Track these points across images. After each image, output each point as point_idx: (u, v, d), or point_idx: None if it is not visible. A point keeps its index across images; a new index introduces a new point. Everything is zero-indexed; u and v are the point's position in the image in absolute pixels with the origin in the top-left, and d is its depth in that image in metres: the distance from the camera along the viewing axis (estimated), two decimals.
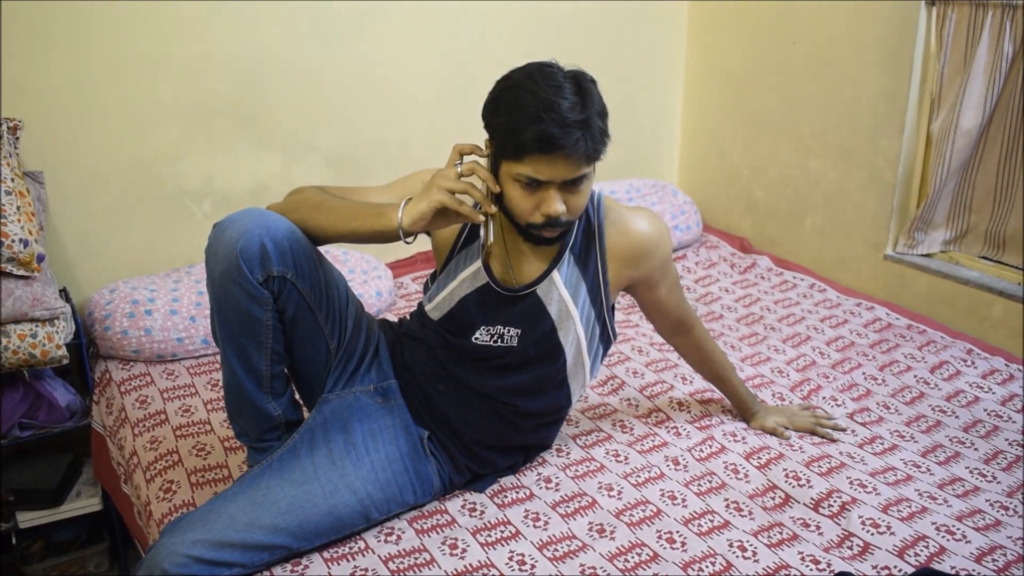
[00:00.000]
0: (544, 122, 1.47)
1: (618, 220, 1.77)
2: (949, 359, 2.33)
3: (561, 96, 1.49)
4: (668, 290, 1.87)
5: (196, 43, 2.54)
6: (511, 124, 1.50)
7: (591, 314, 1.77)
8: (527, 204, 1.57)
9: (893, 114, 2.69)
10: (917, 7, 2.56)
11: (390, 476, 1.69)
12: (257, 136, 2.71)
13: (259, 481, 1.60)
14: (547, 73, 1.54)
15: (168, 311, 2.35)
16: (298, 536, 1.57)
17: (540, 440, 1.91)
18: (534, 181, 1.54)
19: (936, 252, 2.73)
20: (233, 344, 1.62)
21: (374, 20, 2.77)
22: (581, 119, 1.49)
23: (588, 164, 1.55)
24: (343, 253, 2.69)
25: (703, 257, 3.13)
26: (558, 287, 1.73)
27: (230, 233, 1.54)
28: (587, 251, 1.75)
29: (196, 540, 1.48)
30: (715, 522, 1.71)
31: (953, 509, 1.73)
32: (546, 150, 1.49)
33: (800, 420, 2.04)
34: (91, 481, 2.41)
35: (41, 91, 2.39)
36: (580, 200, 1.59)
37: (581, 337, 1.77)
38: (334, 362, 1.74)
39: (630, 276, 1.81)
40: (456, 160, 1.56)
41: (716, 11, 3.24)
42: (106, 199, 2.55)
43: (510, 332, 1.74)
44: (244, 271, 1.53)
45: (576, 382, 1.83)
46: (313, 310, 1.66)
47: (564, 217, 1.57)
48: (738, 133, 3.26)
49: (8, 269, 2.05)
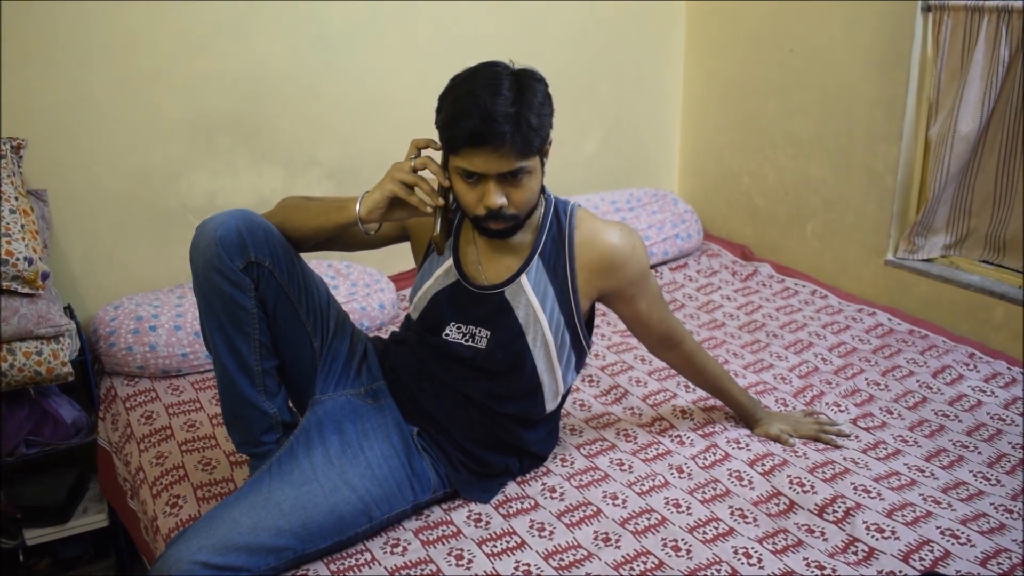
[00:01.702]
0: (471, 116, 1.54)
1: (589, 231, 1.80)
2: (951, 363, 2.34)
3: (494, 92, 1.56)
4: (649, 304, 1.88)
5: (197, 60, 2.56)
6: (446, 119, 1.60)
7: (560, 321, 1.79)
8: (471, 197, 1.64)
9: (891, 120, 2.70)
10: (913, 13, 2.58)
11: (387, 472, 1.72)
12: (259, 151, 2.72)
13: (260, 485, 1.63)
14: (488, 71, 1.61)
15: (172, 327, 2.36)
16: (302, 537, 1.59)
17: (526, 442, 1.88)
18: (472, 174, 1.60)
19: (936, 257, 2.74)
20: (223, 341, 1.67)
21: (374, 34, 2.78)
22: (510, 113, 1.55)
23: (522, 158, 1.59)
24: (346, 266, 2.71)
25: (704, 265, 3.14)
26: (526, 291, 1.76)
27: (210, 227, 1.64)
28: (556, 258, 1.78)
29: (201, 546, 1.50)
30: (720, 529, 1.71)
31: (957, 513, 1.74)
32: (475, 143, 1.56)
33: (804, 427, 2.04)
34: (97, 497, 2.41)
35: (44, 110, 2.41)
36: (522, 194, 1.64)
37: (550, 343, 1.78)
38: (320, 362, 1.80)
39: (600, 287, 1.82)
40: (412, 154, 1.66)
41: (714, 19, 3.25)
42: (109, 216, 2.56)
43: (480, 332, 1.78)
44: (224, 258, 1.61)
45: (548, 390, 1.84)
46: (293, 303, 1.73)
47: (508, 211, 1.63)
48: (737, 141, 3.27)
49: (13, 287, 2.06)
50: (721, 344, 2.55)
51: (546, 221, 1.79)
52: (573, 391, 2.28)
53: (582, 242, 1.79)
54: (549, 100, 1.65)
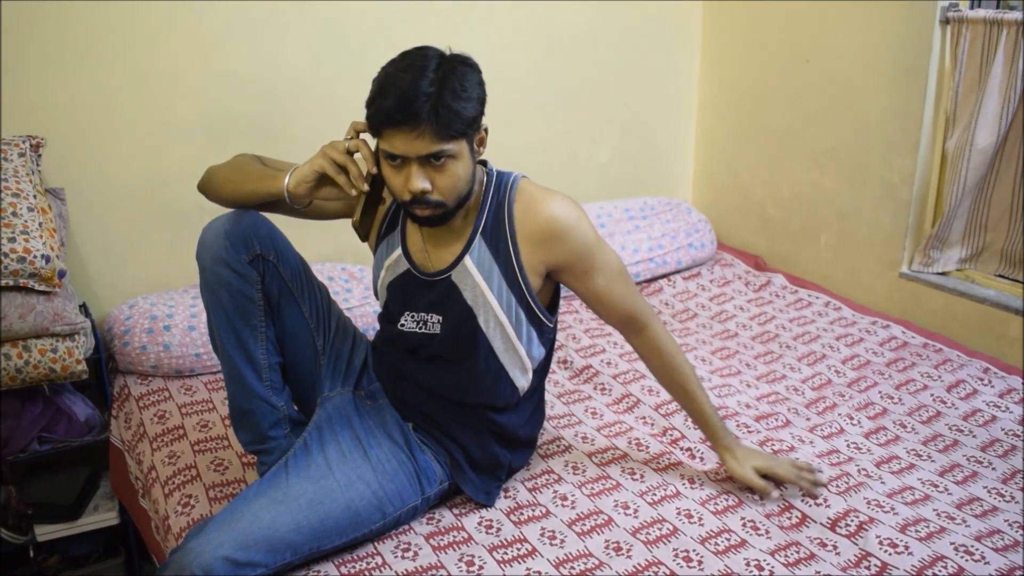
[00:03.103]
0: (389, 96, 1.53)
1: (529, 202, 1.74)
2: (966, 378, 2.33)
3: (416, 73, 1.53)
4: (607, 281, 1.79)
5: (214, 61, 2.57)
6: (369, 100, 1.58)
7: (511, 299, 1.75)
8: (397, 182, 1.61)
9: (907, 132, 2.69)
10: (931, 25, 2.57)
11: (396, 466, 1.74)
12: (274, 153, 2.69)
13: (277, 480, 1.64)
14: (417, 53, 1.59)
15: (186, 327, 2.37)
16: (319, 533, 1.60)
17: (511, 428, 1.86)
18: (393, 156, 1.57)
19: (952, 270, 2.73)
20: (230, 331, 1.70)
21: (389, 38, 2.75)
22: (429, 92, 1.52)
23: (442, 140, 1.55)
24: (359, 270, 2.71)
25: (717, 275, 3.13)
26: (471, 272, 1.73)
27: (216, 224, 1.69)
28: (497, 233, 1.73)
29: (222, 540, 1.50)
30: (732, 541, 1.71)
31: (971, 529, 1.73)
32: (392, 124, 1.54)
33: (783, 468, 1.83)
34: (108, 495, 2.42)
35: (63, 109, 2.42)
36: (446, 180, 1.60)
37: (504, 322, 1.75)
38: (323, 360, 1.84)
39: (545, 260, 1.75)
40: (350, 134, 1.64)
41: (730, 28, 3.25)
42: (126, 215, 2.57)
43: (432, 319, 1.77)
44: (231, 250, 1.66)
45: (515, 368, 1.80)
46: (297, 300, 1.77)
47: (433, 196, 1.60)
48: (752, 151, 3.27)
49: (30, 284, 2.07)
50: (734, 354, 2.55)
51: (486, 199, 1.74)
52: (584, 399, 2.28)
53: (521, 214, 1.73)
54: (479, 86, 1.61)
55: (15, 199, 2.12)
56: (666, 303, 2.95)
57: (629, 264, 2.97)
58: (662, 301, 2.96)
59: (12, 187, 2.14)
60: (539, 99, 3.10)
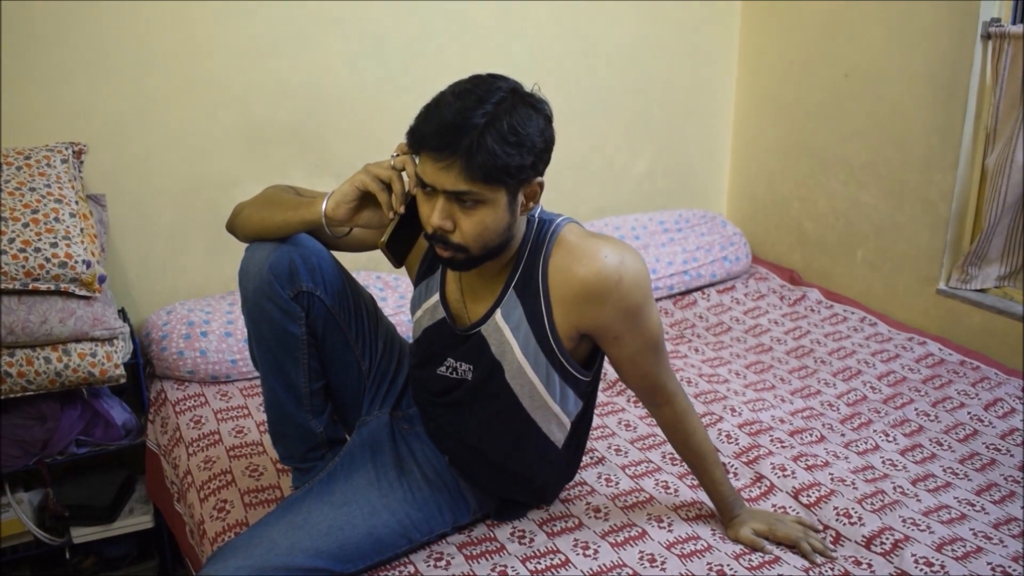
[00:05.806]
0: (432, 117, 1.41)
1: (567, 257, 1.56)
2: (1003, 396, 2.30)
3: (471, 101, 1.39)
4: (636, 351, 1.61)
5: (256, 71, 2.60)
6: (417, 115, 1.45)
7: (539, 356, 1.60)
8: (424, 210, 1.48)
9: (947, 148, 2.67)
10: (972, 40, 2.55)
11: (428, 495, 1.71)
12: (313, 163, 2.75)
13: (299, 505, 1.62)
14: (483, 80, 1.44)
15: (223, 333, 2.39)
16: (340, 559, 1.57)
17: (539, 485, 1.81)
18: (424, 184, 1.44)
19: (990, 287, 2.70)
20: (272, 363, 1.66)
21: (430, 51, 2.81)
22: (474, 125, 1.37)
23: (472, 181, 1.39)
24: (394, 279, 2.72)
25: (752, 289, 3.11)
26: (500, 328, 1.60)
27: (260, 253, 1.60)
28: (528, 288, 1.58)
29: (239, 566, 1.49)
30: (766, 558, 1.69)
31: (1009, 549, 1.70)
32: (426, 147, 1.41)
33: (784, 528, 1.72)
34: (144, 499, 2.44)
35: (105, 116, 2.46)
36: (471, 225, 1.44)
37: (534, 380, 1.62)
38: (368, 383, 1.79)
39: (577, 324, 1.59)
40: (396, 152, 1.51)
41: (767, 42, 3.24)
42: (165, 222, 2.61)
43: (463, 367, 1.66)
44: (275, 287, 1.58)
45: (549, 423, 1.69)
46: (342, 328, 1.70)
47: (453, 238, 1.46)
48: (788, 164, 3.25)
49: (71, 289, 2.10)
50: (768, 369, 2.53)
51: (524, 249, 1.58)
52: (617, 411, 2.27)
53: (556, 271, 1.56)
54: (540, 135, 1.43)
55: (57, 205, 2.16)
56: (700, 316, 2.94)
57: (663, 276, 2.97)
58: (696, 314, 2.95)
59: (55, 193, 2.18)
60: (578, 109, 3.11)
